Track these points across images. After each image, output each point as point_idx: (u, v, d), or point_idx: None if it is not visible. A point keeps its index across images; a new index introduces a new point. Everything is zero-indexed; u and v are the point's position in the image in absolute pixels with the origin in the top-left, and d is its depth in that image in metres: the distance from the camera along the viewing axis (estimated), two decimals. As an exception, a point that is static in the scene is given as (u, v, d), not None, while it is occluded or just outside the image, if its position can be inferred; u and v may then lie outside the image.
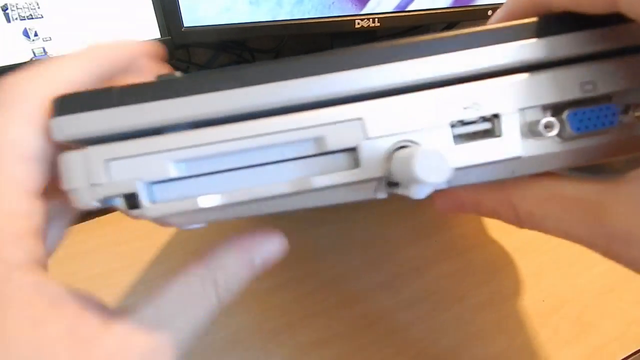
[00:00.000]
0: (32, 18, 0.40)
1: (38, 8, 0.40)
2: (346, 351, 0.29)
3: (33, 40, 0.40)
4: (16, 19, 0.39)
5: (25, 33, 0.40)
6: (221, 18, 0.46)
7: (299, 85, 0.14)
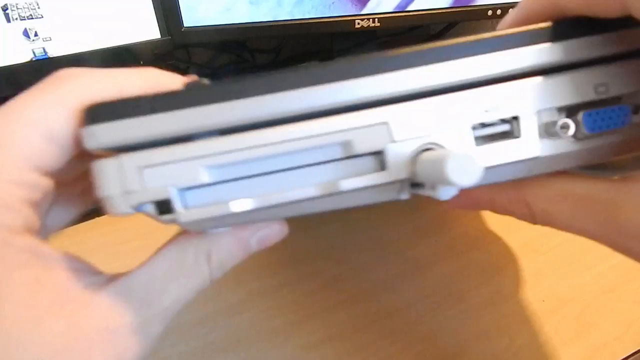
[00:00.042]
0: (32, 18, 0.40)
1: (38, 8, 0.40)
2: (346, 351, 0.29)
3: (33, 40, 0.40)
4: (16, 19, 0.39)
5: (25, 33, 0.40)
6: (221, 18, 0.46)
7: (327, 90, 0.14)
